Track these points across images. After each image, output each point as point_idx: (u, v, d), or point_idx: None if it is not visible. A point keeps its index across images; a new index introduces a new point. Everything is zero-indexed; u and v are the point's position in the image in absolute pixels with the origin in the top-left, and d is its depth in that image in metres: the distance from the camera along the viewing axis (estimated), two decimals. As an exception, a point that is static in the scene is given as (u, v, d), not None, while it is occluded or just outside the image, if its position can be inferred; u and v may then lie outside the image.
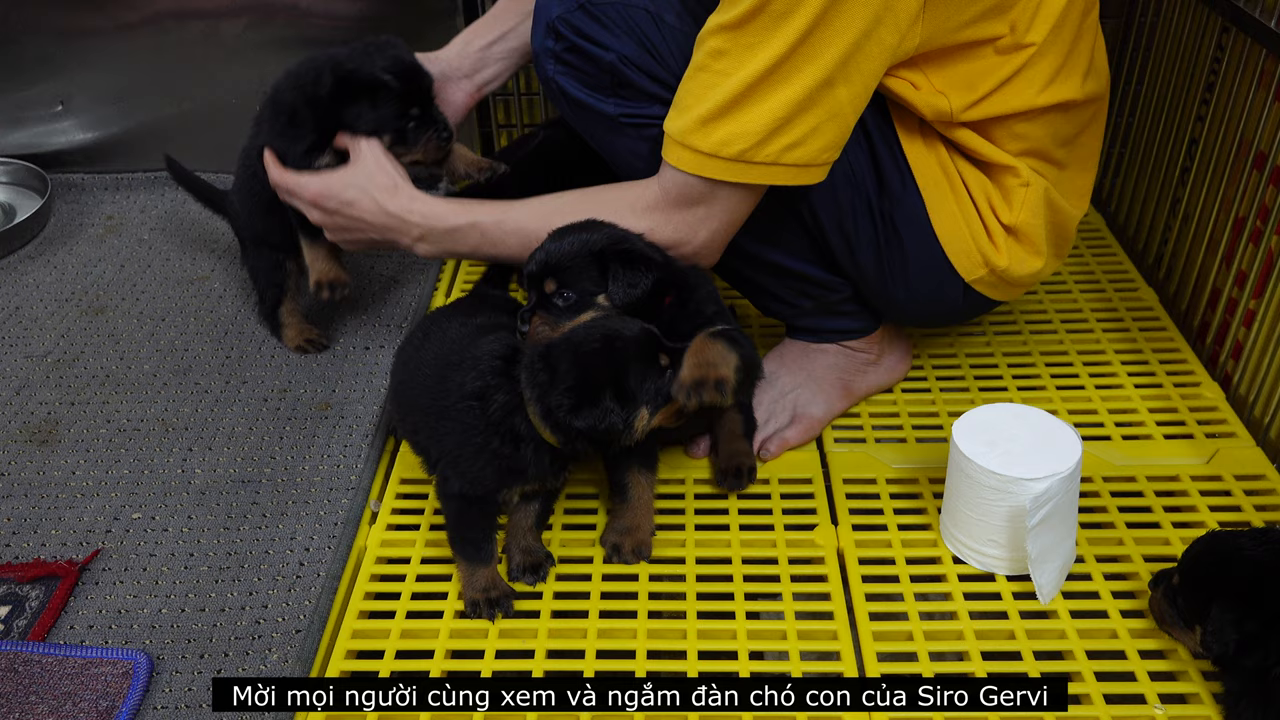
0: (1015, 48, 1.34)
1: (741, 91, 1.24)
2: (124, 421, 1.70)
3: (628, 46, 1.41)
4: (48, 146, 2.38)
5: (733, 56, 1.24)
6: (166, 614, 1.37)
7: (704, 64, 1.26)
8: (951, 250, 1.45)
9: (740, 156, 1.28)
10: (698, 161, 1.30)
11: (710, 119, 1.27)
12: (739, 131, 1.26)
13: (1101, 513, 1.45)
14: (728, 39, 1.24)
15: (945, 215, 1.43)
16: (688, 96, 1.29)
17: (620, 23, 1.41)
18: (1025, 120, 1.39)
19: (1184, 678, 1.23)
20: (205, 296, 2.02)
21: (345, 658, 1.29)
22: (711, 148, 1.28)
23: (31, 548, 1.47)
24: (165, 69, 2.30)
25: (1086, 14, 1.39)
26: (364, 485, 1.56)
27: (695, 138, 1.28)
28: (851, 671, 1.25)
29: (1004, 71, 1.35)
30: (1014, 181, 1.43)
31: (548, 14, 1.44)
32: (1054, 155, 1.45)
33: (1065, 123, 1.43)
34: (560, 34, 1.42)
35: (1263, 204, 1.61)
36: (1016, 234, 1.46)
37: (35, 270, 2.11)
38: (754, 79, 1.23)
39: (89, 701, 1.24)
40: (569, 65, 1.44)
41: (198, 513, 1.52)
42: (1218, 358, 1.72)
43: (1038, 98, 1.37)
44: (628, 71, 1.41)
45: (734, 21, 1.22)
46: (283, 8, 2.23)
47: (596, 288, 1.36)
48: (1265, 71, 1.62)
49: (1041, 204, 1.45)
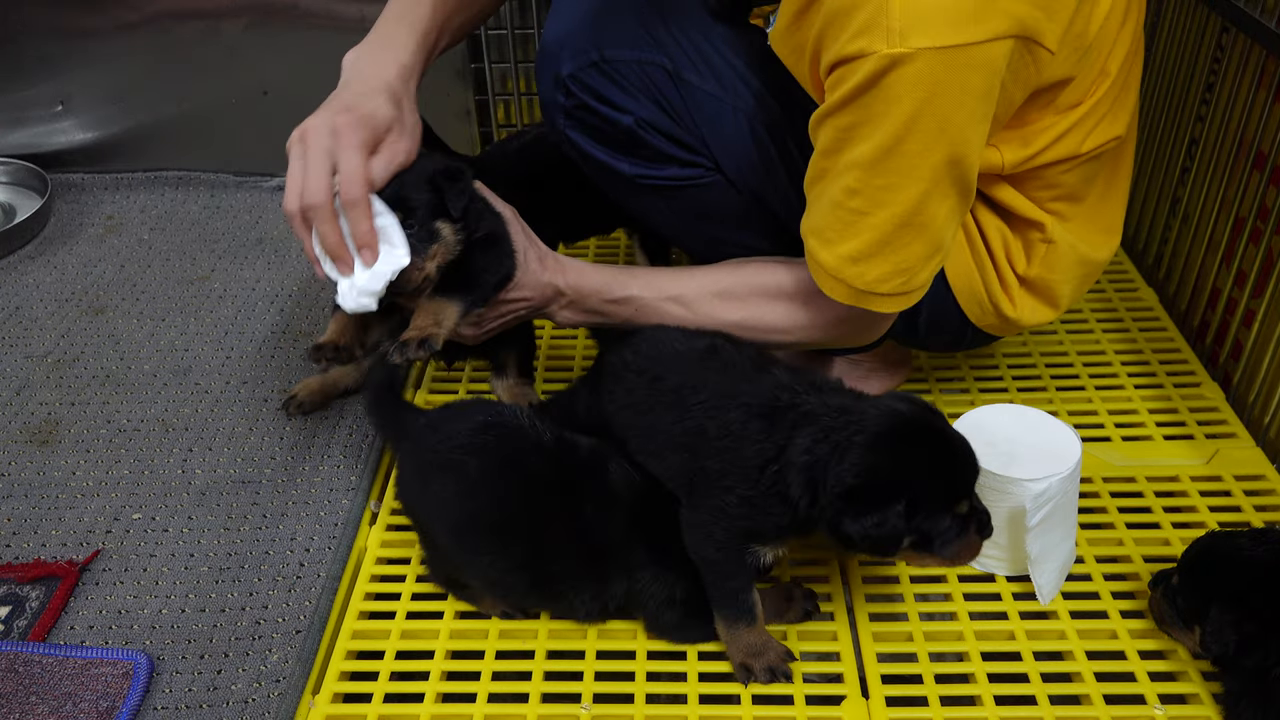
0: (1073, 106, 1.27)
1: (890, 233, 1.18)
2: (124, 422, 1.70)
3: (645, 108, 1.35)
4: (48, 146, 2.38)
5: (867, 197, 1.16)
6: (167, 614, 1.37)
7: (839, 200, 1.18)
8: (962, 298, 1.42)
9: (898, 290, 1.22)
10: (854, 295, 1.23)
11: (860, 259, 1.20)
12: (893, 270, 1.20)
13: (1101, 513, 1.45)
14: (860, 178, 1.16)
15: (959, 267, 1.39)
16: (828, 230, 1.21)
17: (637, 82, 1.35)
18: (1064, 168, 1.33)
19: (1184, 678, 1.23)
20: (205, 296, 2.02)
21: (345, 658, 1.29)
22: (867, 286, 1.22)
23: (32, 548, 1.47)
24: (165, 69, 2.30)
25: (1137, 56, 1.32)
26: (364, 486, 1.56)
27: (850, 275, 1.22)
28: (851, 671, 1.25)
29: (1060, 127, 1.28)
30: (1036, 236, 1.38)
31: (556, 66, 1.36)
32: (1083, 194, 1.39)
33: (1100, 164, 1.37)
34: (572, 91, 1.36)
35: (1263, 204, 1.61)
36: (1032, 286, 1.42)
37: (35, 270, 2.11)
38: (900, 220, 1.17)
39: (89, 702, 1.24)
40: (580, 122, 1.38)
41: (198, 513, 1.52)
42: (1218, 358, 1.72)
43: (1083, 145, 1.30)
44: (644, 134, 1.36)
45: (867, 160, 1.14)
46: (283, 8, 2.24)
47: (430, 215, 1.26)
48: (1265, 71, 1.61)
49: (1064, 260, 1.39)
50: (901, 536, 1.09)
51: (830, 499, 1.08)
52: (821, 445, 1.09)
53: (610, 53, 1.35)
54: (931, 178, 1.14)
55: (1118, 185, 1.43)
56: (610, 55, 1.35)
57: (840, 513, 1.07)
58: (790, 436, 1.11)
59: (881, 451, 1.08)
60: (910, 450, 1.10)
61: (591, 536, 1.23)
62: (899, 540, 1.10)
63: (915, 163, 1.13)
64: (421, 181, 1.27)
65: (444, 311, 1.29)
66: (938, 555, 1.13)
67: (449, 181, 1.27)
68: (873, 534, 1.07)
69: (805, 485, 1.09)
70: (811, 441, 1.10)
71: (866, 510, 1.07)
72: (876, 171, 1.14)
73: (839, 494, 1.07)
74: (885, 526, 1.07)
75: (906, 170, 1.13)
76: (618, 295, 1.35)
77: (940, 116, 1.10)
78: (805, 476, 1.09)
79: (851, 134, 1.14)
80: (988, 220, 1.38)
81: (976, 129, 1.13)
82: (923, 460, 1.10)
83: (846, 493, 1.07)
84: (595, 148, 1.40)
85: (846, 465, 1.07)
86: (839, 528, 1.08)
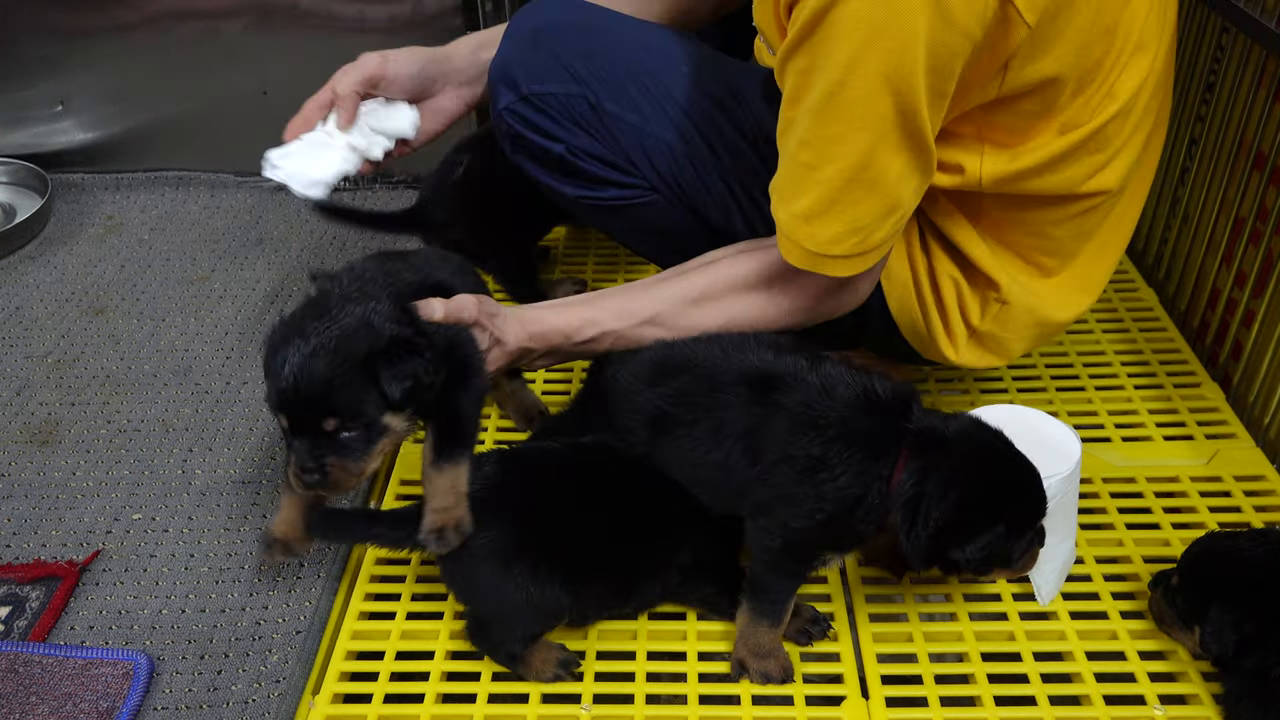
0: (1073, 128, 1.21)
1: (839, 188, 1.15)
2: (124, 422, 1.70)
3: (576, 137, 1.42)
4: (48, 146, 2.39)
5: (815, 149, 1.14)
6: (167, 615, 1.37)
7: (793, 153, 1.17)
8: (906, 334, 1.40)
9: (854, 250, 1.19)
10: (809, 259, 1.20)
11: (812, 217, 1.17)
12: (846, 230, 1.17)
13: (1101, 514, 1.45)
14: (809, 128, 1.14)
15: (901, 305, 1.37)
16: (785, 186, 1.20)
17: (563, 112, 1.42)
18: (1056, 214, 1.29)
19: (1184, 678, 1.23)
20: (205, 296, 2.02)
21: (345, 658, 1.29)
22: (820, 247, 1.19)
23: (32, 548, 1.47)
24: (165, 69, 2.30)
25: (1159, 102, 1.27)
26: (364, 486, 1.56)
27: (802, 236, 1.19)
28: (851, 671, 1.25)
29: (1054, 149, 1.21)
30: (991, 295, 1.34)
31: (497, 100, 1.45)
32: (1075, 250, 1.35)
33: (1095, 215, 1.31)
34: (509, 123, 1.44)
35: (1263, 204, 1.61)
36: (982, 339, 1.39)
37: (35, 270, 2.11)
38: (848, 173, 1.14)
39: (89, 702, 1.24)
40: (524, 149, 1.47)
41: (198, 513, 1.52)
42: (1218, 358, 1.72)
43: (1080, 185, 1.25)
44: (578, 161, 1.43)
45: (816, 107, 1.12)
46: (283, 8, 2.24)
47: (378, 408, 1.10)
48: (1265, 71, 1.61)
49: (1018, 321, 1.36)
50: (1006, 556, 1.16)
51: (935, 530, 1.12)
52: (924, 482, 1.12)
53: (534, 87, 1.43)
54: (879, 128, 1.11)
55: (1111, 247, 1.39)
56: (534, 89, 1.43)
57: (945, 544, 1.13)
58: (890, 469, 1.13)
59: (980, 484, 1.14)
60: (1002, 478, 1.16)
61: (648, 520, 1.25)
62: (1004, 560, 1.16)
63: (859, 110, 1.10)
64: (353, 370, 1.08)
65: (458, 479, 1.17)
66: (1013, 568, 1.19)
67: (387, 364, 1.09)
68: (976, 558, 1.14)
69: (907, 516, 1.13)
70: (916, 479, 1.12)
71: (972, 537, 1.13)
72: (822, 120, 1.13)
73: (943, 527, 1.12)
74: (990, 549, 1.14)
75: (851, 119, 1.11)
76: (589, 335, 1.33)
77: (884, 60, 1.06)
78: (910, 510, 1.12)
79: (806, 79, 1.12)
80: (942, 266, 1.35)
81: (929, 81, 1.08)
82: (1014, 486, 1.16)
83: (951, 525, 1.12)
84: (541, 172, 1.49)
85: (950, 502, 1.11)
86: (944, 555, 1.14)
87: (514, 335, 1.30)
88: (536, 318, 1.32)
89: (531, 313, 1.33)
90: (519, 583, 1.17)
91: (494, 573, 1.18)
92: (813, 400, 1.16)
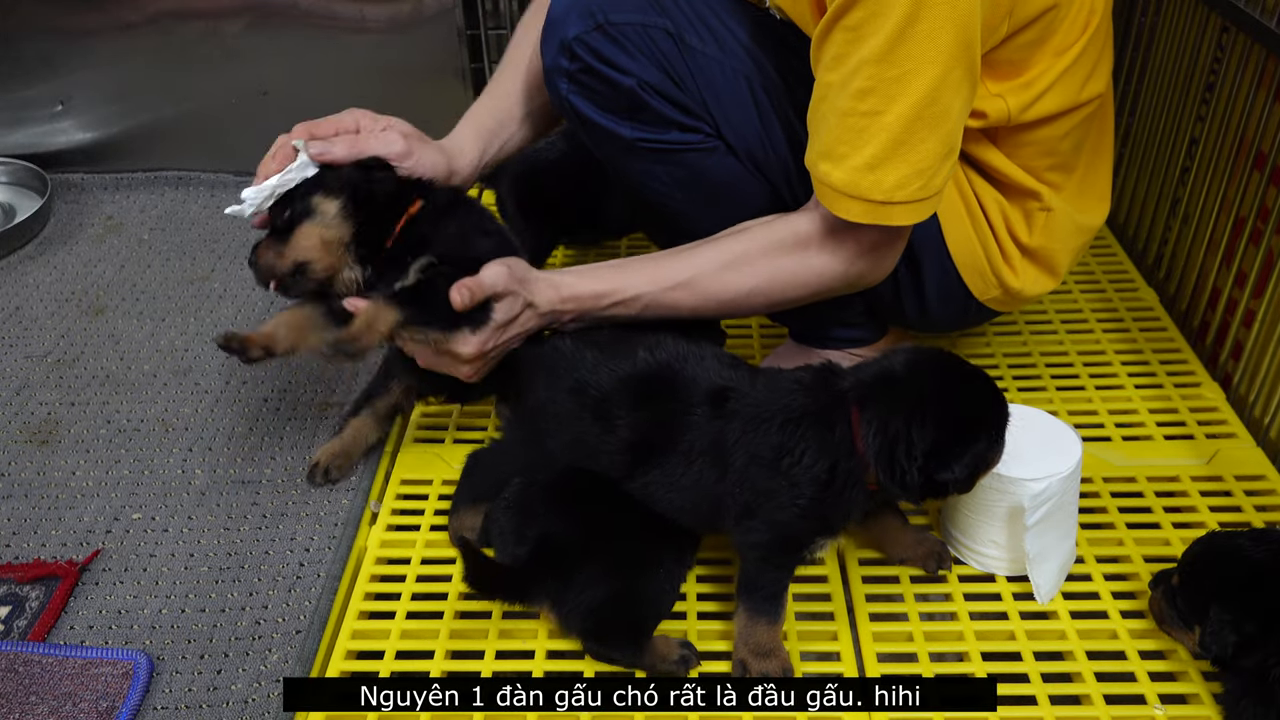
0: (1066, 49, 1.30)
1: (904, 129, 1.16)
2: (124, 422, 1.70)
3: (648, 71, 1.36)
4: (48, 146, 2.39)
5: (880, 94, 1.15)
6: (166, 614, 1.37)
7: (849, 108, 1.17)
8: (966, 272, 1.43)
9: (917, 196, 1.20)
10: (872, 211, 1.21)
11: (877, 165, 1.18)
12: (912, 172, 1.18)
13: (1101, 513, 1.45)
14: (873, 74, 1.15)
15: (960, 238, 1.40)
16: (840, 144, 1.19)
17: (640, 45, 1.36)
18: (1062, 126, 1.34)
19: (1184, 678, 1.23)
20: (205, 296, 2.02)
21: (345, 658, 1.29)
22: (885, 195, 1.19)
23: (31, 548, 1.47)
24: (165, 69, 2.31)
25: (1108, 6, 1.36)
26: (364, 485, 1.56)
27: (866, 187, 1.19)
28: (851, 671, 1.25)
29: (1055, 70, 1.30)
30: (1034, 205, 1.40)
31: (562, 32, 1.38)
32: (1074, 163, 1.42)
33: (1089, 127, 1.39)
34: (576, 54, 1.37)
35: (1263, 204, 1.61)
36: (1034, 256, 1.44)
37: (35, 270, 2.11)
38: (913, 112, 1.15)
39: (89, 702, 1.24)
40: (583, 86, 1.39)
41: (198, 513, 1.52)
42: (1218, 358, 1.72)
43: (1080, 94, 1.32)
44: (646, 97, 1.37)
45: (880, 53, 1.14)
46: (283, 8, 2.24)
47: (310, 190, 1.28)
48: (1265, 71, 1.61)
49: (1062, 227, 1.42)
50: (991, 463, 1.19)
51: (920, 463, 1.14)
52: (886, 428, 1.14)
53: (614, 16, 1.37)
54: (946, 60, 1.14)
55: (1103, 152, 1.47)
56: (614, 19, 1.37)
57: (934, 469, 1.14)
58: (847, 432, 1.16)
59: (949, 406, 1.16)
60: (964, 392, 1.19)
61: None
62: (986, 465, 1.19)
63: (927, 46, 1.13)
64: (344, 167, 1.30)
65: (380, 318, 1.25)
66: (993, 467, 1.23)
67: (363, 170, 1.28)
68: (964, 476, 1.16)
69: (887, 465, 1.15)
70: (877, 429, 1.14)
71: (959, 456, 1.15)
72: (890, 62, 1.14)
73: (928, 453, 1.13)
74: (975, 462, 1.17)
75: (920, 55, 1.13)
76: (621, 298, 1.34)
77: None
78: (886, 458, 1.14)
79: (861, 30, 1.14)
80: (985, 191, 1.40)
81: (983, 12, 1.14)
82: (977, 396, 1.19)
83: (935, 450, 1.14)
84: (596, 113, 1.41)
85: (928, 428, 1.13)
86: (933, 480, 1.15)
87: (545, 299, 1.33)
88: (569, 283, 1.35)
89: (564, 278, 1.36)
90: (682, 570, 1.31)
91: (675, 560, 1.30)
92: (759, 400, 1.21)
